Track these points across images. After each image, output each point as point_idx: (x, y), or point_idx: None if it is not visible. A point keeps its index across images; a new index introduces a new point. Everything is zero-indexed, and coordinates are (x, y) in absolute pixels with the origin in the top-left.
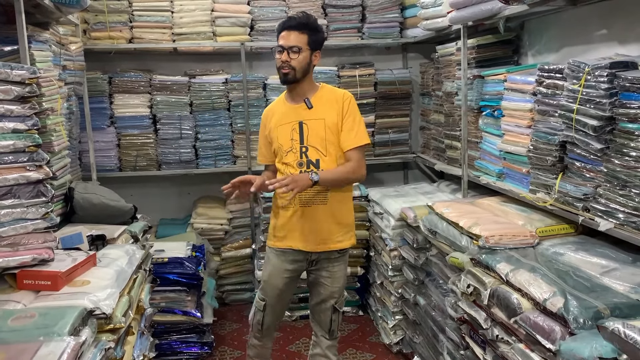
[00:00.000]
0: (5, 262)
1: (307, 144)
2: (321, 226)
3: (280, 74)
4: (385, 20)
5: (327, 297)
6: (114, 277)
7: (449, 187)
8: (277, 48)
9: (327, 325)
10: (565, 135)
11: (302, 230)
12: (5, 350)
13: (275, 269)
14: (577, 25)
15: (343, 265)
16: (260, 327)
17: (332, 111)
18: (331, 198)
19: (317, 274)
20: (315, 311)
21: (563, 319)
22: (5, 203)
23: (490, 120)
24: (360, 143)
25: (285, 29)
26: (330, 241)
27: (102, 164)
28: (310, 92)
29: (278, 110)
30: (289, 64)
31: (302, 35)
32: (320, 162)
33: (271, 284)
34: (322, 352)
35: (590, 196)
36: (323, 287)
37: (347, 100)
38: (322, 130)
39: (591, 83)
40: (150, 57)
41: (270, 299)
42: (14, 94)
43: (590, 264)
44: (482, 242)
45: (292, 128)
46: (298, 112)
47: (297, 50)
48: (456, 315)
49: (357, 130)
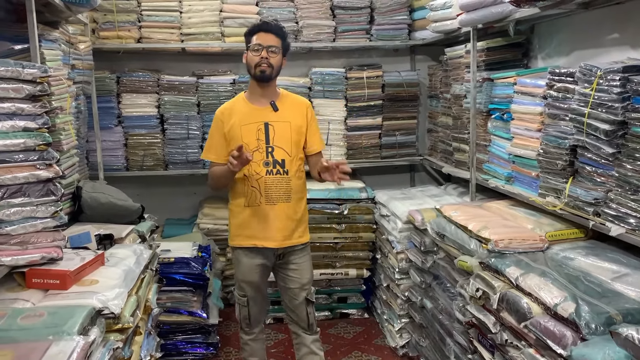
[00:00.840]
0: (15, 260)
1: (273, 144)
2: (284, 223)
3: (257, 70)
4: (393, 22)
5: (298, 291)
6: (122, 276)
7: (456, 190)
8: (254, 46)
9: (305, 320)
10: (576, 139)
11: (267, 228)
12: (14, 348)
13: (247, 267)
14: (588, 28)
15: (308, 256)
16: (248, 321)
17: (297, 115)
18: (293, 196)
19: (284, 269)
20: (290, 310)
21: (574, 324)
22: (15, 201)
23: (499, 124)
24: (323, 147)
25: (262, 31)
26: (293, 237)
27: (109, 163)
28: (275, 96)
29: (239, 110)
30: (268, 61)
31: (278, 39)
32: (285, 162)
33: (247, 281)
34: (308, 350)
35: (601, 201)
36: (291, 280)
37: (310, 108)
38: (287, 132)
39: (603, 87)
40: (158, 57)
41: (250, 293)
42: (25, 92)
43: (601, 269)
44: (491, 246)
45: (257, 128)
46: (263, 113)
47: (276, 51)
48: (464, 319)
49: (319, 136)
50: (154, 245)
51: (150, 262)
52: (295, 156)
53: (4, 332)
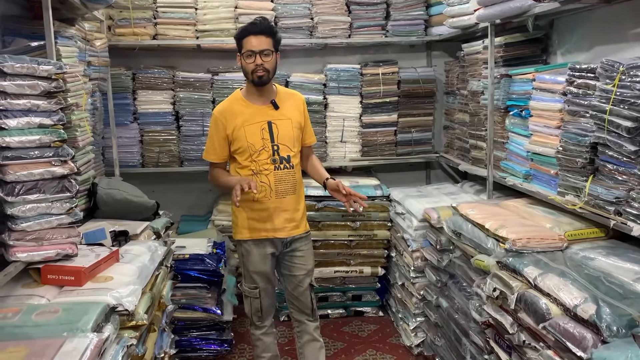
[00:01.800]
0: (30, 256)
1: (277, 142)
2: (292, 214)
3: (255, 76)
4: (410, 17)
5: (304, 277)
6: (136, 273)
7: (473, 188)
8: (247, 53)
9: (309, 306)
10: (597, 136)
11: (277, 220)
12: (29, 345)
13: (259, 257)
14: (609, 23)
15: (310, 244)
16: (260, 313)
17: (295, 111)
18: (298, 188)
19: (290, 257)
20: (294, 297)
21: (595, 326)
22: (31, 198)
23: (517, 120)
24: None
25: (251, 34)
26: (300, 225)
27: (124, 159)
28: (273, 94)
29: (239, 110)
30: (263, 66)
31: (268, 39)
32: (290, 157)
33: (259, 271)
34: (311, 337)
35: (622, 200)
36: (297, 268)
37: (304, 102)
38: (290, 129)
39: (626, 83)
40: (173, 54)
41: (262, 284)
42: (41, 89)
43: (622, 269)
44: (509, 245)
45: (261, 128)
46: (265, 112)
47: (269, 53)
48: (481, 319)
49: (311, 128)
50: (169, 241)
51: (164, 258)
52: (297, 151)
53: (19, 328)
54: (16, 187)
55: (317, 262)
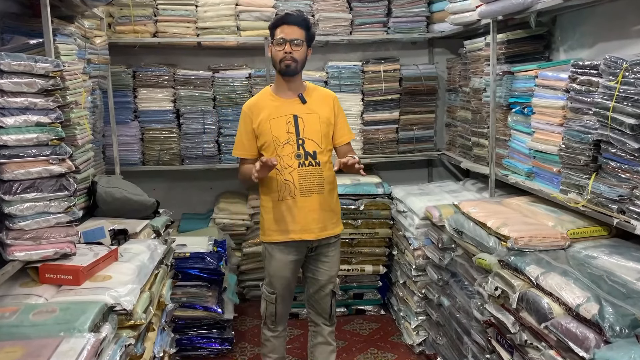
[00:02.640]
0: (28, 255)
1: (303, 136)
2: (320, 214)
3: (282, 65)
4: (411, 14)
5: (326, 283)
6: (135, 272)
7: (475, 186)
8: (278, 40)
9: (328, 311)
10: (600, 134)
11: (303, 220)
12: (26, 345)
13: (281, 262)
14: (613, 19)
15: (338, 249)
16: (274, 318)
17: (325, 107)
18: (326, 187)
19: (315, 260)
20: (315, 300)
21: (598, 326)
22: (28, 196)
23: (519, 118)
24: (352, 137)
25: (285, 23)
26: (329, 227)
27: (125, 158)
28: (302, 88)
29: (266, 104)
30: (291, 55)
31: (301, 30)
32: (317, 153)
33: (279, 277)
34: (324, 340)
35: (625, 198)
36: (321, 273)
37: (336, 100)
38: (317, 124)
39: (629, 80)
40: (174, 52)
41: (280, 290)
42: (38, 86)
43: (625, 268)
44: (510, 244)
45: (287, 121)
46: (292, 106)
47: (300, 43)
48: (482, 318)
49: (347, 127)
50: (169, 240)
51: (164, 257)
52: (325, 148)
53: (16, 328)
54: (14, 185)
55: None
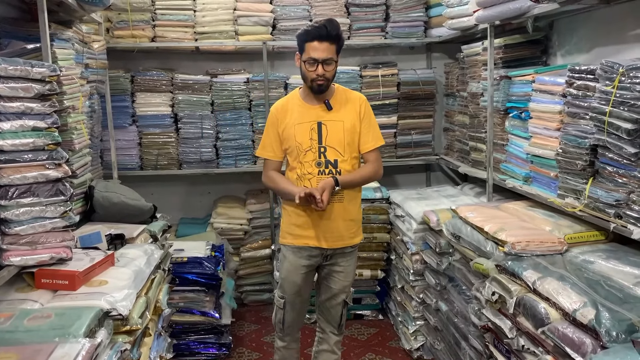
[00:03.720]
0: (24, 260)
1: (325, 144)
2: (337, 223)
3: (315, 85)
4: (409, 19)
5: (339, 292)
6: (131, 277)
7: (473, 191)
8: (310, 60)
9: (337, 320)
10: (597, 138)
11: (320, 228)
12: (20, 351)
13: (293, 266)
14: (609, 24)
15: (354, 259)
16: (282, 326)
17: (351, 114)
18: (346, 196)
19: (330, 269)
20: (325, 307)
21: (594, 331)
22: (24, 201)
23: (517, 122)
24: (378, 144)
25: (316, 39)
26: (346, 237)
27: (123, 162)
28: (329, 94)
29: (293, 108)
30: (324, 76)
31: (332, 46)
32: (338, 162)
33: (289, 281)
34: (329, 348)
35: (622, 202)
36: (335, 282)
37: (364, 104)
38: (340, 131)
39: (625, 84)
40: (172, 56)
41: (289, 296)
42: (34, 91)
43: (622, 273)
44: (508, 248)
45: (310, 128)
46: (317, 112)
47: (331, 62)
48: (480, 323)
49: (374, 132)
50: (166, 245)
51: (161, 262)
52: (349, 156)
53: (10, 333)
54: (9, 190)
55: None
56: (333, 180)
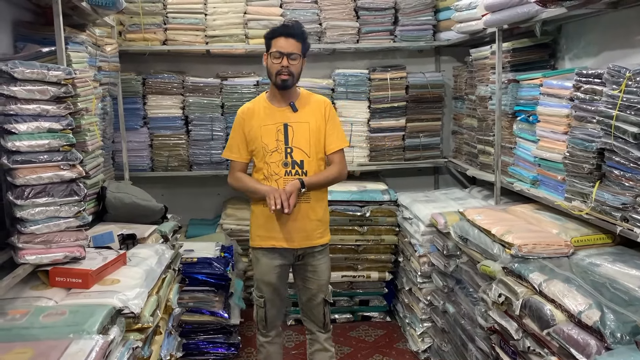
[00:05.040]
0: (39, 259)
1: (292, 145)
2: (304, 224)
3: (279, 79)
4: (418, 22)
5: (317, 292)
6: (143, 276)
7: (481, 193)
8: (275, 53)
9: (321, 319)
10: (604, 142)
11: (287, 228)
12: (35, 346)
13: (266, 267)
14: (618, 28)
15: (326, 259)
16: (264, 323)
17: (316, 115)
18: (312, 196)
19: (303, 270)
20: (308, 308)
21: (599, 333)
22: (40, 201)
23: (525, 126)
24: (342, 145)
25: (282, 36)
26: (313, 237)
27: (134, 163)
28: (295, 96)
29: (259, 110)
30: (288, 69)
31: (298, 44)
32: (304, 163)
33: (265, 281)
34: (321, 347)
35: (629, 206)
36: (310, 282)
37: (328, 106)
38: (306, 132)
39: (632, 89)
40: (183, 59)
41: (267, 294)
42: (50, 94)
43: (628, 276)
44: (514, 251)
45: (277, 129)
46: (283, 114)
47: (296, 57)
48: (486, 324)
49: (339, 134)
50: (177, 245)
51: (172, 262)
52: (315, 157)
53: (26, 330)
54: (25, 190)
55: None
56: (299, 183)
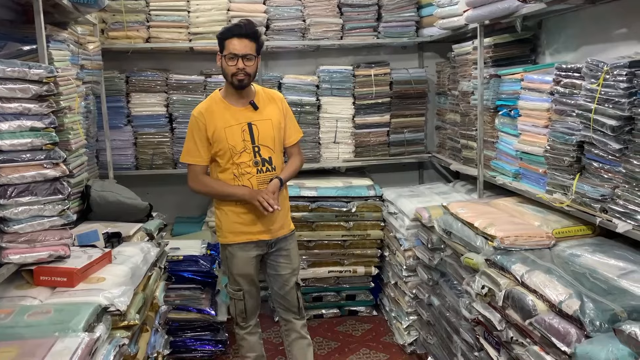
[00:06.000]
0: (22, 258)
1: (258, 143)
2: (276, 215)
3: (235, 80)
4: (401, 19)
5: (289, 276)
6: (128, 274)
7: (464, 188)
8: (230, 55)
9: (296, 304)
10: (583, 135)
11: (263, 221)
12: (21, 345)
13: (243, 260)
14: (596, 23)
15: (295, 243)
16: (244, 315)
17: (275, 111)
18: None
19: (275, 258)
20: (281, 296)
21: (579, 321)
22: (23, 200)
23: (506, 120)
24: (299, 137)
25: (235, 36)
26: (285, 226)
27: (119, 162)
28: (252, 94)
29: (220, 112)
30: (244, 71)
31: (252, 43)
32: (272, 158)
33: (243, 274)
34: (298, 335)
35: (608, 197)
36: (283, 267)
37: (284, 101)
38: (270, 129)
39: (610, 82)
40: (166, 57)
41: (245, 286)
42: (32, 92)
43: (607, 266)
44: (497, 243)
45: (241, 129)
46: (245, 114)
47: (251, 58)
48: (470, 316)
49: (295, 127)
50: (162, 243)
51: (158, 260)
52: (278, 151)
53: (11, 329)
54: (8, 189)
55: (311, 262)
56: (279, 182)
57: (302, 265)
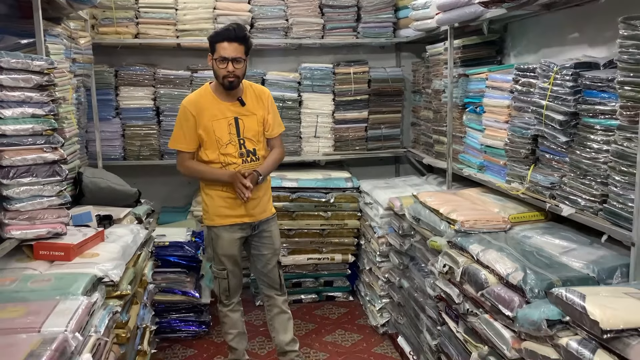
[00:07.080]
0: (23, 234)
1: (243, 136)
2: (260, 200)
3: (226, 82)
4: (379, 20)
5: (272, 255)
6: (120, 251)
7: (436, 180)
8: (220, 58)
9: (278, 281)
10: (537, 129)
11: (247, 206)
12: (27, 306)
13: (227, 241)
14: (553, 28)
15: (276, 224)
16: (228, 293)
17: (260, 107)
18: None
19: (259, 238)
20: (264, 274)
21: (521, 290)
22: (24, 181)
23: (473, 116)
24: (281, 130)
25: (225, 40)
26: (267, 209)
27: (107, 153)
28: (240, 91)
29: (209, 105)
30: (234, 73)
31: (241, 47)
32: (256, 150)
33: (227, 255)
34: (280, 310)
35: (556, 185)
36: (266, 247)
37: (270, 97)
38: (255, 124)
39: (559, 81)
40: (154, 52)
41: (229, 266)
42: (34, 82)
43: (552, 245)
44: (458, 227)
45: (228, 123)
46: (232, 108)
47: (241, 60)
48: (434, 293)
49: (278, 120)
50: (150, 228)
51: (146, 241)
52: (262, 143)
53: (16, 293)
54: (11, 171)
55: (291, 249)
56: (257, 176)
57: (283, 252)
